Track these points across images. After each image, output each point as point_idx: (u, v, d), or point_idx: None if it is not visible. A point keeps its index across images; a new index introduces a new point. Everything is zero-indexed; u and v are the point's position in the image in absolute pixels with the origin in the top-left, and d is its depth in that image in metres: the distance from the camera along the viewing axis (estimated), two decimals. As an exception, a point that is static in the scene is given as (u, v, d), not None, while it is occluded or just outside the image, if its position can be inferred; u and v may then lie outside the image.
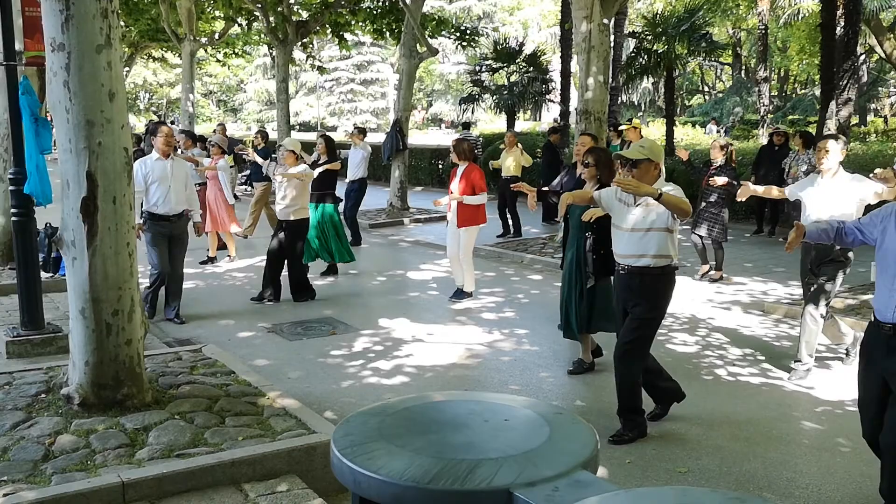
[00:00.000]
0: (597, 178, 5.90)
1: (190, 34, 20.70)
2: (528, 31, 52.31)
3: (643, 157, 4.59)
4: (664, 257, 4.60)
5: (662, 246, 4.57)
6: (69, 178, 4.07)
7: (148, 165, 7.41)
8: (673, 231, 4.60)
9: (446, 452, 2.02)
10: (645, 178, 4.54)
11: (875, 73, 33.40)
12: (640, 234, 4.59)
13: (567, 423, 2.16)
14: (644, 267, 4.61)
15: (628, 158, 4.63)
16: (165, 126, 7.77)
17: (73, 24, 3.88)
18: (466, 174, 8.17)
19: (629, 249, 4.65)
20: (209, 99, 60.70)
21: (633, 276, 4.67)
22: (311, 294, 8.68)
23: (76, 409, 4.22)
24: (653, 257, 4.59)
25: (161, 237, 7.43)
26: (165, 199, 7.37)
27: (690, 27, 17.86)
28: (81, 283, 4.17)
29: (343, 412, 5.29)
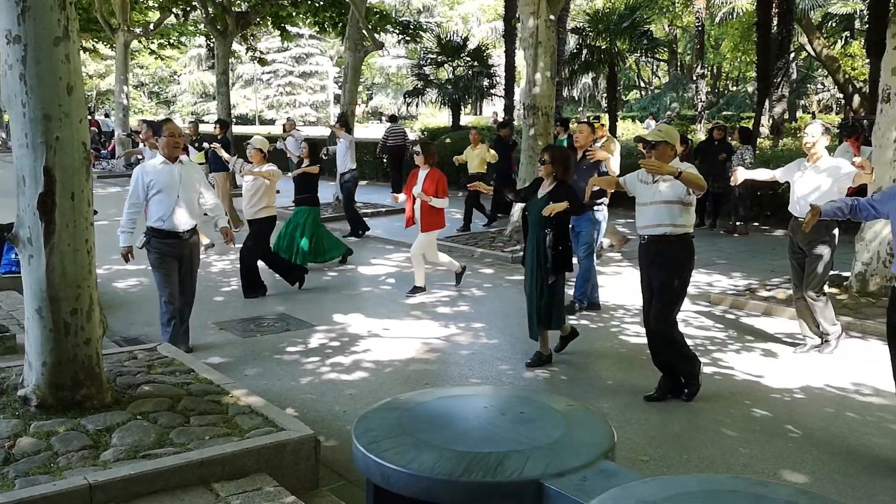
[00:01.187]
0: (553, 175, 6.03)
1: (124, 24, 20.16)
2: (468, 26, 52.45)
3: (661, 140, 5.20)
4: (680, 226, 5.17)
5: (677, 216, 5.15)
6: (25, 174, 3.94)
7: (150, 173, 6.09)
8: (687, 204, 5.17)
9: (472, 445, 2.04)
10: (662, 158, 5.11)
11: (804, 70, 34.58)
12: (657, 207, 5.19)
13: (580, 414, 2.21)
14: (661, 235, 5.19)
15: (648, 141, 5.26)
16: (172, 123, 6.40)
17: (31, 15, 3.75)
18: (432, 178, 8.26)
19: (648, 220, 5.25)
20: (140, 91, 59.15)
21: (651, 244, 5.27)
22: (263, 291, 8.63)
23: (34, 411, 4.10)
24: (669, 226, 5.16)
25: (169, 258, 6.11)
26: (173, 212, 6.05)
27: (631, 24, 18.20)
28: (38, 281, 4.04)
29: (304, 409, 5.27)
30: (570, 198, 6.01)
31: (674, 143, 5.24)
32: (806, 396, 5.51)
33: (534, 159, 11.36)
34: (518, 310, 7.97)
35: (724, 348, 6.65)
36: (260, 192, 8.36)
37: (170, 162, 6.12)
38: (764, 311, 7.72)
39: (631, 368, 6.18)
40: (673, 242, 5.21)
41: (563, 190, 6.05)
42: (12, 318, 6.61)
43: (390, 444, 2.09)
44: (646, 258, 5.37)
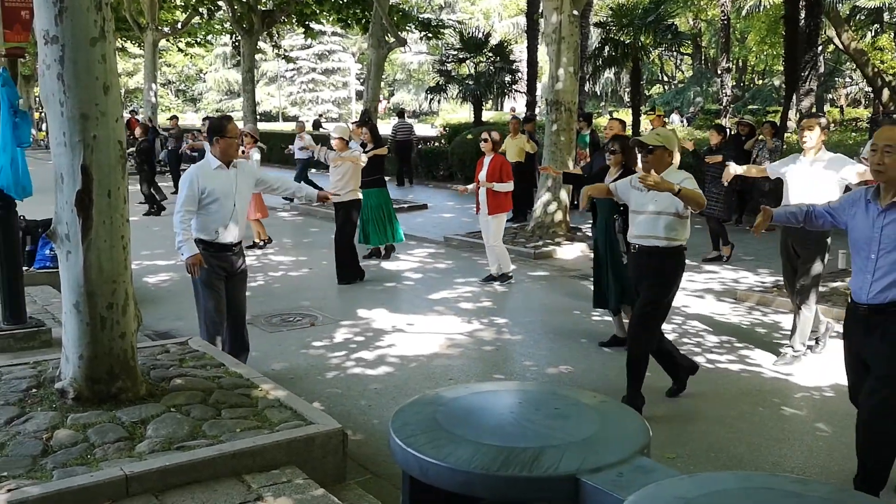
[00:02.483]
0: (622, 164, 6.15)
1: (152, 24, 20.39)
2: (490, 21, 52.36)
3: (659, 144, 4.91)
4: (673, 239, 4.92)
5: (671, 228, 4.90)
6: (63, 172, 4.03)
7: (206, 178, 5.28)
8: (683, 216, 4.92)
9: (508, 440, 2.08)
10: (659, 164, 4.90)
11: (832, 64, 34.15)
12: (652, 217, 4.93)
13: (615, 410, 2.24)
14: (653, 247, 4.94)
15: (645, 144, 4.95)
16: (233, 122, 5.52)
17: (67, 16, 3.84)
18: (495, 163, 8.58)
19: (641, 230, 5.00)
20: (168, 89, 59.74)
21: (643, 255, 5.01)
22: (361, 275, 9.11)
23: (71, 404, 4.19)
24: (663, 238, 4.91)
25: (219, 275, 5.42)
26: (228, 224, 5.39)
27: (656, 18, 18.09)
28: (76, 276, 4.13)
29: (330, 403, 5.34)
30: None
31: (672, 149, 5.00)
32: (836, 395, 5.47)
33: (556, 155, 11.36)
34: (541, 305, 8.01)
35: (751, 346, 6.63)
36: (346, 175, 8.87)
37: (225, 167, 5.37)
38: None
39: (656, 365, 6.14)
40: (666, 256, 4.96)
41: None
42: (47, 313, 6.74)
43: (427, 439, 2.13)
44: (636, 269, 5.13)
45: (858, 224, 3.76)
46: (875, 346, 3.68)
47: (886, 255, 3.60)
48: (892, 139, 3.56)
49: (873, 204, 3.68)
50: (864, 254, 3.70)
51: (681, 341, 6.78)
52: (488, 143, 8.65)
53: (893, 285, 3.59)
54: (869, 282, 3.65)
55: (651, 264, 4.98)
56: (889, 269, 3.59)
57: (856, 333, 3.81)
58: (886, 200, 3.62)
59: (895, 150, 3.53)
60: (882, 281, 3.61)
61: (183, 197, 5.28)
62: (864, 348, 3.75)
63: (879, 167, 3.58)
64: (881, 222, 3.62)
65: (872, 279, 3.63)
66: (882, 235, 3.61)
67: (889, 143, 3.55)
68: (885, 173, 3.58)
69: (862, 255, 3.71)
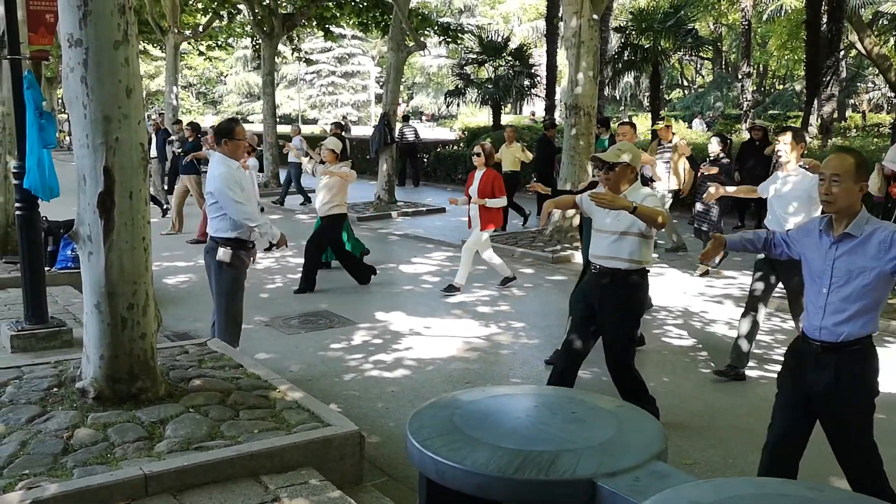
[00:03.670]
0: None
1: (174, 27, 20.56)
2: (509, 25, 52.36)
3: (620, 161, 4.61)
4: (636, 262, 4.62)
5: (635, 250, 4.60)
6: (86, 173, 4.08)
7: (236, 174, 5.49)
8: (648, 237, 4.62)
9: (524, 444, 2.08)
10: (621, 182, 4.62)
11: (854, 69, 33.86)
12: (615, 237, 4.63)
13: (632, 415, 2.24)
14: (615, 269, 4.64)
15: (605, 161, 4.63)
16: (240, 125, 5.69)
17: (91, 19, 3.89)
18: (487, 178, 8.45)
19: (603, 251, 4.70)
20: (188, 91, 60.25)
21: (604, 276, 4.70)
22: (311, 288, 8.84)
23: (91, 403, 4.24)
24: (625, 260, 4.61)
25: (245, 275, 5.67)
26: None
27: (676, 22, 18.03)
28: (97, 277, 4.18)
29: (348, 405, 5.35)
30: None
31: (635, 166, 4.67)
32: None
33: (575, 159, 11.34)
34: (558, 310, 7.99)
35: (769, 352, 6.58)
36: (333, 189, 8.78)
37: (243, 167, 5.66)
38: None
39: (673, 371, 6.16)
40: (628, 279, 4.65)
41: None
42: (68, 313, 6.82)
43: (444, 441, 2.13)
44: (597, 291, 4.77)
45: (811, 256, 3.50)
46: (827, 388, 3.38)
47: (838, 289, 3.34)
48: (839, 167, 3.31)
49: (825, 235, 3.43)
50: (816, 287, 3.44)
51: (699, 346, 6.75)
52: (480, 157, 8.50)
53: (847, 322, 3.32)
54: (821, 317, 3.38)
55: (615, 287, 4.66)
56: (841, 306, 3.33)
57: (805, 371, 3.47)
58: (838, 231, 3.36)
59: (843, 180, 3.29)
60: (835, 317, 3.35)
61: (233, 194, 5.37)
62: (813, 387, 3.43)
63: (828, 197, 3.32)
64: (833, 254, 3.37)
65: (824, 314, 3.37)
66: (833, 269, 3.36)
67: (836, 173, 3.30)
68: (835, 203, 3.32)
69: (814, 289, 3.45)
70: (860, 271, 3.29)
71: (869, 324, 3.36)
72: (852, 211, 3.34)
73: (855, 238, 3.32)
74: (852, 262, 3.32)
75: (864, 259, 3.29)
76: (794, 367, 3.58)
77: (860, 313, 3.32)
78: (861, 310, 3.31)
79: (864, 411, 3.44)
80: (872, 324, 3.37)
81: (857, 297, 3.30)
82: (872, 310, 3.35)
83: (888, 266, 3.24)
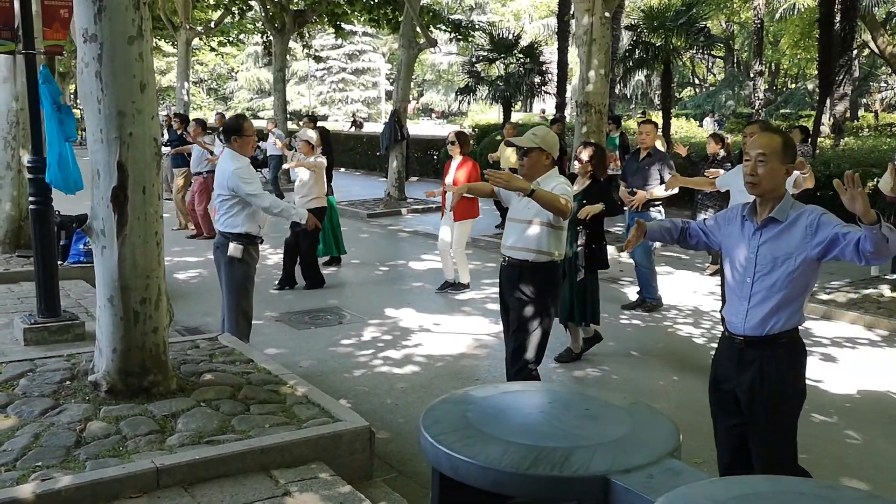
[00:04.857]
0: (590, 173, 6.04)
1: (186, 22, 20.62)
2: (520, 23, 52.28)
3: (534, 146, 4.46)
4: (543, 252, 4.48)
5: (542, 240, 4.46)
6: (100, 168, 4.10)
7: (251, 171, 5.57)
8: (557, 227, 4.47)
9: (538, 440, 2.09)
10: (535, 168, 4.46)
11: (867, 68, 33.65)
12: (523, 226, 4.50)
13: (645, 413, 2.23)
14: (523, 260, 4.51)
15: (519, 146, 4.51)
16: (248, 121, 5.75)
17: (106, 14, 3.91)
18: (463, 166, 8.27)
19: (512, 241, 4.57)
20: (199, 87, 60.44)
21: (513, 269, 4.57)
22: (321, 282, 8.80)
23: (104, 396, 4.26)
24: (532, 251, 4.48)
25: (254, 270, 5.70)
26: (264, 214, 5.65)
27: (688, 20, 17.96)
28: (110, 271, 4.20)
29: (357, 401, 5.37)
30: (604, 197, 6.00)
31: (549, 151, 4.48)
32: (867, 402, 5.41)
33: (586, 157, 11.31)
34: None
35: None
36: (309, 183, 8.59)
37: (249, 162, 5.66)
38: (823, 314, 7.59)
39: (683, 369, 6.14)
40: (536, 271, 4.48)
41: (597, 189, 6.04)
42: (80, 307, 6.86)
43: (458, 436, 2.13)
44: (507, 283, 4.63)
45: (733, 244, 3.27)
46: (751, 385, 3.18)
47: (763, 277, 3.13)
48: (766, 146, 3.08)
49: (749, 221, 3.21)
50: (738, 277, 3.22)
51: (709, 346, 6.73)
52: (455, 145, 8.31)
53: (773, 314, 3.12)
54: (745, 309, 3.16)
55: (522, 279, 4.50)
56: (766, 295, 3.12)
57: (729, 368, 3.28)
58: (762, 216, 3.15)
59: (769, 160, 3.07)
60: (760, 308, 3.13)
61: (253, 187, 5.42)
62: (740, 385, 3.23)
63: (752, 178, 3.09)
64: (757, 241, 3.15)
65: (749, 306, 3.15)
66: (758, 256, 3.14)
67: (762, 152, 3.08)
68: (760, 185, 3.10)
69: (737, 279, 3.23)
70: (785, 258, 3.08)
71: (795, 315, 3.16)
72: (777, 194, 3.13)
73: (780, 223, 3.11)
74: (777, 248, 3.11)
75: (789, 245, 3.09)
76: (718, 374, 3.37)
77: (786, 303, 3.11)
78: (786, 299, 3.10)
79: (790, 412, 3.24)
80: (799, 315, 3.18)
81: (782, 286, 3.09)
82: (798, 299, 3.15)
83: (814, 251, 3.03)
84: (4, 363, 4.90)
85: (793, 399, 3.24)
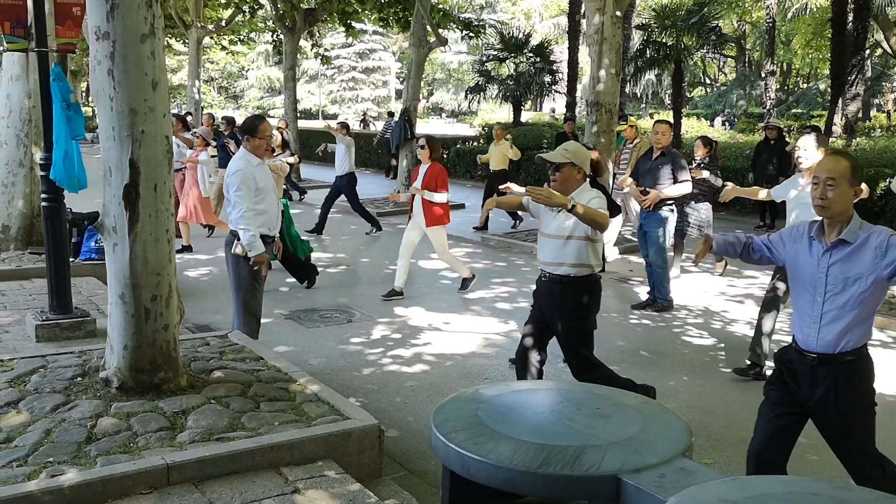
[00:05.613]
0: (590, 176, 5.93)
1: (197, 21, 20.70)
2: (531, 22, 52.22)
3: (566, 161, 4.48)
4: (584, 266, 4.51)
5: (582, 255, 4.48)
6: (111, 166, 4.12)
7: (256, 173, 5.52)
8: (595, 240, 4.50)
9: (549, 438, 2.09)
10: (568, 183, 4.48)
11: (879, 68, 33.46)
12: (560, 242, 4.51)
13: (657, 412, 2.23)
14: (564, 276, 4.53)
15: (552, 162, 4.52)
16: (264, 122, 5.71)
17: (119, 13, 3.93)
18: (432, 172, 8.06)
19: (549, 257, 4.59)
20: (210, 86, 60.66)
21: (554, 284, 4.59)
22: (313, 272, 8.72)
23: (115, 393, 4.28)
24: (571, 266, 4.50)
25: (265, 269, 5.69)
26: (279, 216, 5.76)
27: (700, 20, 17.90)
28: (122, 268, 4.22)
29: (367, 399, 5.37)
30: None
31: (581, 166, 4.52)
32: (879, 404, 5.36)
33: (597, 156, 11.30)
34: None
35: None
36: None
37: (262, 163, 5.68)
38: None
39: (693, 370, 6.13)
40: (577, 285, 4.53)
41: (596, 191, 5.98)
42: (91, 304, 6.89)
43: (469, 435, 2.13)
44: (546, 298, 4.66)
45: (801, 263, 3.37)
46: (824, 400, 3.28)
47: (834, 297, 3.22)
48: (835, 171, 3.18)
49: (817, 242, 3.30)
50: (808, 297, 3.31)
51: (720, 346, 6.71)
52: (425, 149, 8.12)
53: (845, 333, 3.21)
54: (817, 328, 3.26)
55: (564, 295, 4.55)
56: (838, 315, 3.21)
57: (798, 384, 3.38)
58: (831, 238, 3.24)
59: (839, 184, 3.16)
60: (832, 327, 3.23)
61: (241, 194, 5.43)
62: (809, 400, 3.34)
63: (822, 202, 3.18)
64: (826, 261, 3.24)
65: (821, 324, 3.25)
66: (828, 276, 3.23)
67: (831, 176, 3.17)
68: (829, 209, 3.19)
69: (806, 298, 3.32)
70: (856, 278, 3.16)
71: (867, 332, 3.27)
72: (846, 216, 3.21)
73: (849, 244, 3.19)
74: (848, 269, 3.19)
75: (860, 266, 3.17)
76: (786, 378, 3.45)
77: (857, 322, 3.21)
78: (858, 318, 3.20)
79: (865, 421, 3.36)
80: (868, 332, 3.28)
81: (853, 305, 3.18)
82: (869, 318, 3.25)
83: (885, 272, 3.11)
84: (16, 359, 4.93)
85: (865, 411, 3.37)
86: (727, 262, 9.53)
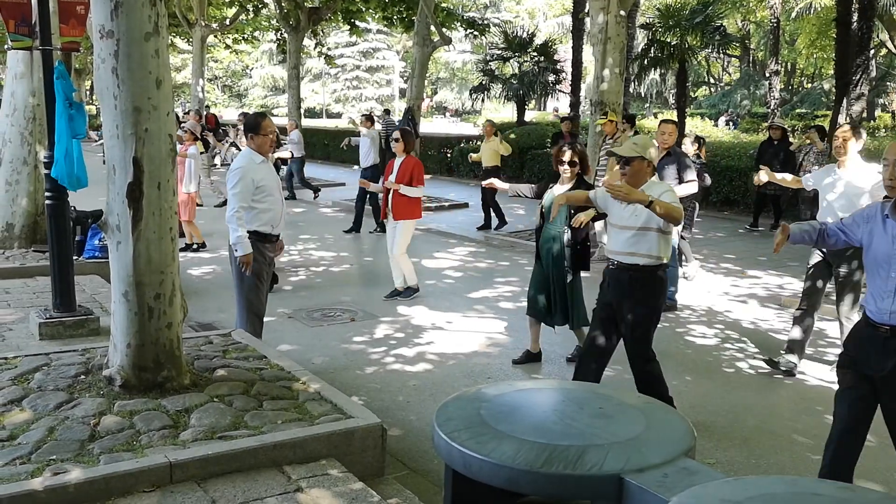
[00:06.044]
0: (577, 174, 5.90)
1: (201, 19, 20.72)
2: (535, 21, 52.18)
3: (636, 155, 4.53)
4: (654, 257, 4.57)
5: (653, 246, 4.55)
6: (115, 164, 4.13)
7: (257, 172, 5.49)
8: (667, 232, 4.56)
9: (552, 438, 2.08)
10: (637, 177, 4.54)
11: (884, 68, 33.37)
12: (632, 233, 4.56)
13: (660, 412, 2.23)
14: (633, 265, 4.59)
15: (621, 156, 4.57)
16: (267, 119, 5.67)
17: (123, 11, 3.93)
18: (406, 165, 7.92)
19: (621, 247, 4.64)
20: (214, 84, 60.72)
21: (623, 272, 4.64)
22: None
23: (118, 391, 4.29)
24: (643, 256, 4.56)
25: (268, 269, 5.71)
26: (283, 214, 5.72)
27: (704, 19, 17.87)
28: (125, 266, 4.23)
29: (369, 398, 5.37)
30: None
31: (650, 160, 4.60)
32: (881, 404, 5.36)
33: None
34: (582, 307, 7.96)
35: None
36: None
37: (266, 161, 5.66)
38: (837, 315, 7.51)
39: (696, 370, 6.12)
40: (648, 274, 4.59)
41: (584, 188, 5.96)
42: (95, 302, 6.90)
43: (471, 434, 2.13)
44: (616, 287, 4.71)
45: (875, 241, 3.51)
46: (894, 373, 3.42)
47: None
48: None
49: (891, 220, 3.45)
50: (883, 273, 3.46)
51: (723, 346, 6.70)
52: (399, 143, 7.96)
53: None
54: (891, 301, 3.40)
55: (634, 282, 4.62)
56: None
57: (869, 353, 3.51)
58: None
59: None
60: None
61: (237, 192, 5.44)
62: (882, 370, 3.46)
63: (892, 182, 3.41)
64: None
65: (894, 298, 3.40)
66: None
67: None
68: None
69: (881, 275, 3.47)
70: None
71: None
72: None
73: None
74: None
75: None
76: (856, 355, 3.58)
77: None
78: None
79: None
80: None
81: None
82: None
83: None
84: (20, 357, 4.94)
85: None
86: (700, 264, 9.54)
